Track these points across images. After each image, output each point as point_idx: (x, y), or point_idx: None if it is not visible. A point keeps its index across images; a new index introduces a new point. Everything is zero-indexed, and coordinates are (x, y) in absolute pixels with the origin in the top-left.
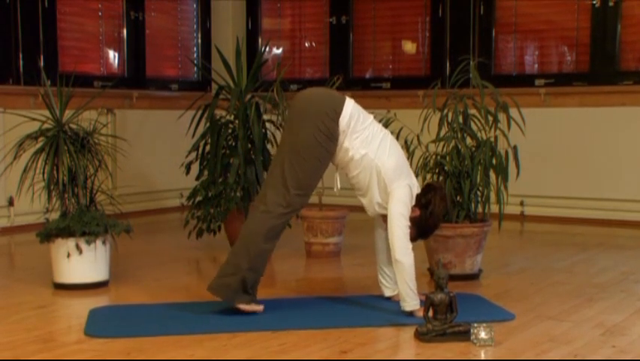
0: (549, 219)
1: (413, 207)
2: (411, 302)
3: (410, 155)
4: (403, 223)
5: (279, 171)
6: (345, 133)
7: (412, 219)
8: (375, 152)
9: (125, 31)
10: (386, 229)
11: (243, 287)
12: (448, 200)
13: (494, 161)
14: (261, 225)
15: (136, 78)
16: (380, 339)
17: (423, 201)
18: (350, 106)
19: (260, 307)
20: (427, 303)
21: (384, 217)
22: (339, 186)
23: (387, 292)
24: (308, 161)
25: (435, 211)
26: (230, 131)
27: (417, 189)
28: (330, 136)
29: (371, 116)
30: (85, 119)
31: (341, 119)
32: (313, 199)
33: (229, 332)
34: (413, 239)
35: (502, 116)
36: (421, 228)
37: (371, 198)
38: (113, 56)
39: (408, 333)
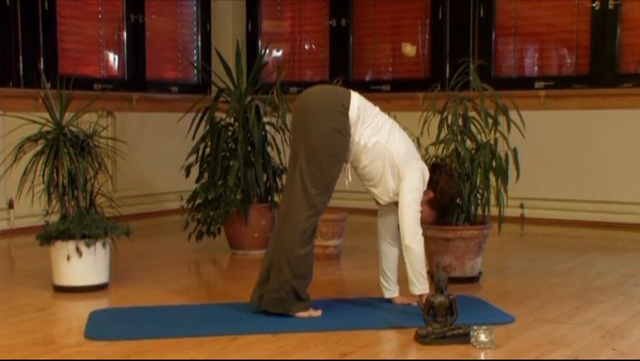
0: (549, 221)
1: (426, 191)
2: (420, 286)
3: None
4: (414, 209)
5: (298, 175)
6: (356, 125)
7: (428, 202)
8: (387, 138)
9: (125, 33)
10: (397, 214)
11: (296, 296)
12: (455, 175)
13: (494, 163)
14: (292, 232)
15: (136, 81)
16: (380, 342)
17: (432, 182)
18: (356, 98)
19: (318, 312)
20: (426, 306)
21: (397, 205)
22: (350, 178)
23: (388, 294)
24: (324, 160)
25: (444, 189)
26: (230, 133)
27: (427, 173)
28: (342, 132)
29: (377, 107)
30: (85, 121)
31: (350, 112)
32: None
33: (229, 335)
34: (435, 220)
35: (502, 119)
36: (438, 208)
37: (385, 186)
38: (113, 58)
39: (408, 336)
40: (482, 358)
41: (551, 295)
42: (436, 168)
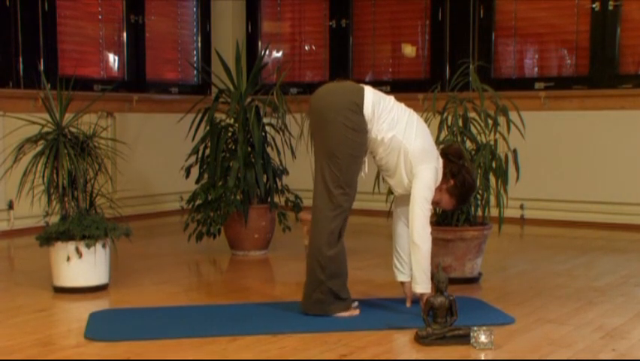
0: (549, 222)
1: (445, 179)
2: (422, 285)
3: None
4: (425, 207)
5: (319, 176)
6: (372, 121)
7: (448, 190)
8: (403, 133)
9: (124, 34)
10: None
11: (334, 296)
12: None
13: (494, 164)
14: (319, 234)
15: (136, 81)
16: (380, 343)
17: (448, 170)
18: (370, 94)
19: (357, 311)
20: (427, 306)
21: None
22: (366, 170)
23: (401, 277)
24: (343, 159)
25: (464, 176)
26: (230, 134)
27: (441, 169)
28: (358, 129)
29: (392, 98)
30: (85, 122)
31: (364, 110)
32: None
33: (229, 336)
34: (455, 208)
35: (501, 120)
36: (458, 196)
37: (399, 179)
38: (112, 59)
39: (408, 336)
40: (482, 359)
41: (551, 296)
42: (453, 156)
